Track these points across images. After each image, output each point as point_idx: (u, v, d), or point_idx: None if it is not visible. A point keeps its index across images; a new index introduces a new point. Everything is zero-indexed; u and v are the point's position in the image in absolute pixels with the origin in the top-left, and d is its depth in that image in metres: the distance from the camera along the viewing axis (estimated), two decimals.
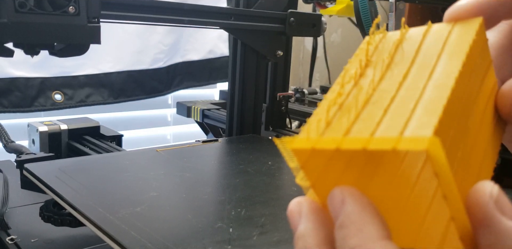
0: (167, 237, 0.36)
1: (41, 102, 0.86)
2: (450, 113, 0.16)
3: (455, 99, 0.17)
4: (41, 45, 0.50)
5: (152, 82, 1.01)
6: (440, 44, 0.20)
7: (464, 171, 0.18)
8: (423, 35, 0.21)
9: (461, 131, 0.18)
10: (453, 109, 0.17)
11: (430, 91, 0.17)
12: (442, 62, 0.19)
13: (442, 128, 0.15)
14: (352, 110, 0.18)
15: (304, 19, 0.70)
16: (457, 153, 0.17)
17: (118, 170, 0.52)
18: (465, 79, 0.18)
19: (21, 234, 0.48)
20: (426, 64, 0.19)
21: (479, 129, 0.20)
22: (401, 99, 0.17)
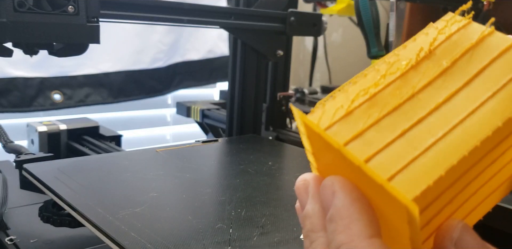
0: (167, 238, 0.36)
1: (40, 102, 0.85)
2: (450, 174, 0.15)
3: (466, 160, 0.16)
4: (40, 45, 0.50)
5: (152, 82, 1.01)
6: (485, 58, 0.17)
7: (454, 205, 0.17)
8: (505, 50, 0.18)
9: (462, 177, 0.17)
10: (458, 169, 0.16)
11: (455, 137, 0.16)
12: (492, 102, 0.16)
13: (431, 189, 0.15)
14: (376, 111, 0.16)
15: (304, 18, 0.70)
16: (444, 196, 0.17)
17: (117, 170, 0.51)
18: (498, 135, 0.16)
19: (20, 234, 0.47)
20: (479, 93, 0.17)
21: (494, 174, 0.19)
22: (426, 126, 0.16)
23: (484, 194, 0.19)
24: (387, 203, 0.16)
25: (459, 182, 0.17)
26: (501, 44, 0.19)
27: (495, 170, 0.19)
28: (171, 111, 1.14)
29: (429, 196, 0.15)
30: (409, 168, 0.15)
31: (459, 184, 0.17)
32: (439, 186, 0.15)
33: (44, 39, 0.48)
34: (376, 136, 0.16)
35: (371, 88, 0.17)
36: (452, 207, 0.18)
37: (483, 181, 0.19)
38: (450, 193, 0.17)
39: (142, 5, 0.56)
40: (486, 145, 0.16)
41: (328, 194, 0.18)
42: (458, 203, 0.18)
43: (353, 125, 0.16)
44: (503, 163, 0.19)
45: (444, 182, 0.16)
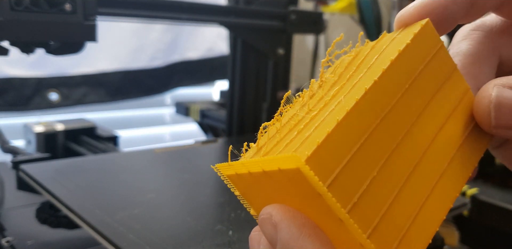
0: (165, 240, 0.35)
1: (37, 101, 0.85)
2: (342, 135, 0.16)
3: (357, 117, 0.16)
4: (37, 44, 0.50)
5: (150, 81, 1.00)
6: (375, 56, 0.19)
7: (391, 191, 0.16)
8: (371, 48, 0.20)
9: (380, 150, 0.16)
10: (351, 128, 0.16)
11: (334, 111, 0.17)
12: (364, 76, 0.18)
13: (324, 152, 0.15)
14: (279, 134, 0.18)
15: (305, 16, 0.69)
16: (368, 173, 0.16)
17: (115, 171, 0.51)
18: (387, 90, 0.17)
19: (17, 235, 0.47)
20: (353, 80, 0.18)
21: (432, 144, 0.18)
22: (313, 120, 0.17)
23: (436, 178, 0.18)
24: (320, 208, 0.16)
25: (390, 162, 0.17)
26: (372, 43, 0.20)
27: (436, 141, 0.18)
28: (169, 111, 1.14)
29: (329, 157, 0.15)
30: (300, 146, 0.16)
31: (390, 165, 0.17)
32: (337, 144, 0.15)
33: (41, 37, 0.48)
34: (276, 148, 0.17)
35: (276, 123, 0.19)
36: (405, 202, 0.17)
37: (430, 160, 0.18)
38: (384, 177, 0.16)
39: (140, 3, 0.55)
40: (385, 89, 0.17)
41: (270, 229, 0.16)
42: (411, 196, 0.17)
43: (261, 151, 0.18)
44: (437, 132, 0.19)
45: (344, 141, 0.16)
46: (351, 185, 0.15)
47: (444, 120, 0.19)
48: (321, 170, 0.15)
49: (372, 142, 0.16)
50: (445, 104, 0.19)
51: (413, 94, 0.18)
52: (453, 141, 0.19)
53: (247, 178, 0.17)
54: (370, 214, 0.16)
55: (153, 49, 0.99)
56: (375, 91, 0.17)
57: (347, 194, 0.15)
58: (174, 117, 1.10)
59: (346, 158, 0.16)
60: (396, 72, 0.17)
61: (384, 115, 0.17)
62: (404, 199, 0.17)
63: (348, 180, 0.15)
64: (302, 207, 0.16)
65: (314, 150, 0.15)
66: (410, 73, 0.18)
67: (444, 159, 0.18)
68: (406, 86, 0.18)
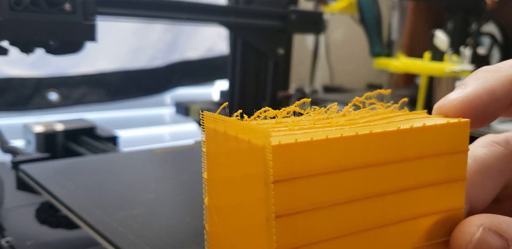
0: (165, 240, 0.35)
1: (37, 101, 0.85)
2: (332, 151, 0.16)
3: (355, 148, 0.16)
4: (36, 43, 0.49)
5: (150, 81, 1.00)
6: (401, 118, 0.19)
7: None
8: (403, 113, 0.20)
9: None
10: (342, 153, 0.16)
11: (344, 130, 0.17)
12: (381, 126, 0.18)
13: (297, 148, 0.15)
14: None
15: (305, 16, 0.69)
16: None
17: (115, 171, 0.51)
18: (389, 148, 0.17)
19: (16, 236, 0.47)
20: (371, 123, 0.19)
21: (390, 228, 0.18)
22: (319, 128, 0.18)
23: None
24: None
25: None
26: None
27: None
28: (169, 111, 1.14)
29: (300, 161, 0.15)
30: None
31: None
32: (320, 157, 0.15)
33: (40, 37, 0.48)
34: None
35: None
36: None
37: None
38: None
39: (140, 2, 0.55)
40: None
41: None
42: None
43: None
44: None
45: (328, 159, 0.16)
46: (299, 199, 0.15)
47: (418, 215, 0.18)
48: (282, 163, 0.15)
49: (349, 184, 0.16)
50: (430, 203, 0.18)
51: (406, 171, 0.17)
52: (412, 240, 0.18)
53: (220, 137, 0.18)
54: (297, 236, 0.16)
55: (153, 49, 0.99)
56: (384, 140, 0.17)
57: (289, 204, 0.15)
58: (174, 117, 1.10)
59: (315, 175, 0.16)
60: (408, 140, 0.17)
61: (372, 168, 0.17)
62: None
63: (300, 195, 0.15)
64: (240, 188, 0.16)
65: (291, 143, 0.15)
66: (419, 150, 0.17)
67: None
68: (405, 158, 0.17)
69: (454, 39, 0.77)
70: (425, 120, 0.18)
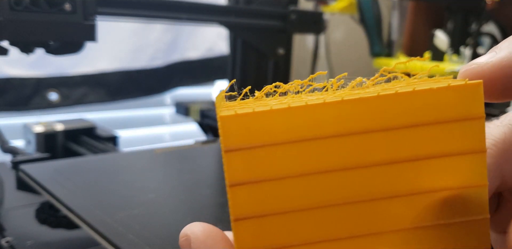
0: (165, 240, 0.35)
1: (37, 101, 0.85)
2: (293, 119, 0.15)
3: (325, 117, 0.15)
4: (36, 43, 0.49)
5: (150, 81, 1.00)
6: (401, 84, 0.17)
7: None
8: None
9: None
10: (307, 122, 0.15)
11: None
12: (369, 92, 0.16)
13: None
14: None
15: (305, 16, 0.69)
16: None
17: (115, 171, 0.51)
18: (374, 115, 0.15)
19: (16, 236, 0.47)
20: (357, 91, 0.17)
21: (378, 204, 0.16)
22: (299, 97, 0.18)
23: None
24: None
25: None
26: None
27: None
28: (169, 111, 1.14)
29: (255, 132, 0.15)
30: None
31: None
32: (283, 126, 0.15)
33: (40, 37, 0.48)
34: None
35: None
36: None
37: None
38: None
39: (140, 2, 0.55)
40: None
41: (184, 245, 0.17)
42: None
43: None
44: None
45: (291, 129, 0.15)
46: (259, 169, 0.15)
47: (419, 191, 0.16)
48: (236, 132, 0.15)
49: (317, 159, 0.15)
50: (436, 178, 0.16)
51: (398, 141, 0.16)
52: (414, 217, 0.16)
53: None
54: (258, 205, 0.15)
55: (153, 49, 0.99)
56: (361, 107, 0.15)
57: (247, 173, 0.15)
58: (174, 117, 1.10)
59: (274, 147, 0.15)
60: (393, 106, 0.15)
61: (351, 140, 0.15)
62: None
63: (260, 165, 0.15)
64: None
65: (245, 113, 0.15)
66: (411, 118, 0.16)
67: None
68: (392, 126, 0.16)
69: (454, 39, 0.77)
70: (432, 84, 0.16)
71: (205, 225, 0.17)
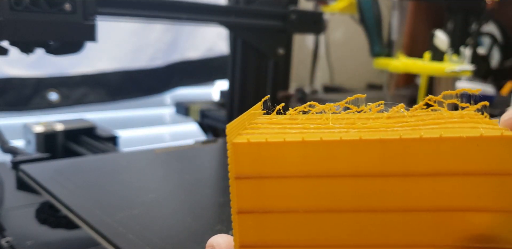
0: (165, 240, 0.35)
1: (37, 101, 0.85)
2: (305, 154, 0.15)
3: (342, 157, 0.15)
4: (36, 43, 0.49)
5: (150, 81, 1.00)
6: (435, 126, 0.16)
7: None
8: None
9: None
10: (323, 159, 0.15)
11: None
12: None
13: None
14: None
15: (305, 16, 0.69)
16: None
17: (115, 171, 0.51)
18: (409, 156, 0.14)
19: (16, 236, 0.47)
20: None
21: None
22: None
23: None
24: None
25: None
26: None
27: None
28: (169, 111, 1.14)
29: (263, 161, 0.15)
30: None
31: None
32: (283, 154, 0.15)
33: (40, 37, 0.48)
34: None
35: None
36: None
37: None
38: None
39: (140, 2, 0.55)
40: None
41: None
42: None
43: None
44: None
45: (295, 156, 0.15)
46: (268, 199, 0.15)
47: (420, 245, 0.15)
48: (248, 160, 0.15)
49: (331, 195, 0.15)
50: (450, 231, 0.15)
51: (421, 190, 0.14)
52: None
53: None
54: (263, 235, 0.15)
55: (153, 49, 0.99)
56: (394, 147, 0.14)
57: (254, 202, 0.15)
58: (174, 117, 1.10)
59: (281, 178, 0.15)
60: (416, 151, 0.14)
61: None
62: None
63: (269, 195, 0.15)
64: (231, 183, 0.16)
65: (258, 142, 0.15)
66: (443, 165, 0.14)
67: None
68: (412, 172, 0.14)
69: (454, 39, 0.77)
70: (464, 128, 0.15)
71: (227, 237, 0.17)
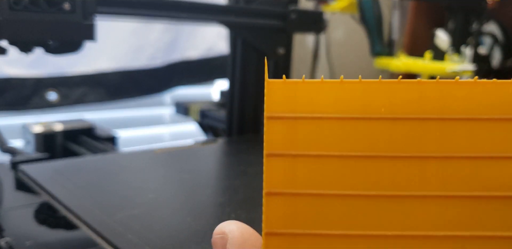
0: (165, 240, 0.35)
1: (36, 101, 0.85)
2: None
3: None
4: (35, 43, 0.49)
5: (150, 81, 1.00)
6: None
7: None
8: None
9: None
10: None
11: None
12: None
13: None
14: None
15: (305, 16, 0.69)
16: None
17: (115, 171, 0.51)
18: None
19: (15, 236, 0.46)
20: None
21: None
22: None
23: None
24: None
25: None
26: None
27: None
28: (169, 110, 1.14)
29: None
30: None
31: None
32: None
33: (40, 37, 0.48)
34: None
35: None
36: None
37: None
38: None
39: (140, 2, 0.55)
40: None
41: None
42: None
43: None
44: None
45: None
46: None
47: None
48: (280, 101, 0.14)
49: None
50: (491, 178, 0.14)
51: (459, 134, 0.14)
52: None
53: None
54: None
55: (152, 48, 0.99)
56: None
57: (282, 141, 0.15)
58: (173, 117, 1.10)
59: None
60: (464, 94, 0.14)
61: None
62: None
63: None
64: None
65: (291, 81, 0.14)
66: (481, 110, 0.14)
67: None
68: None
69: (455, 38, 0.76)
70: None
71: (240, 224, 0.17)
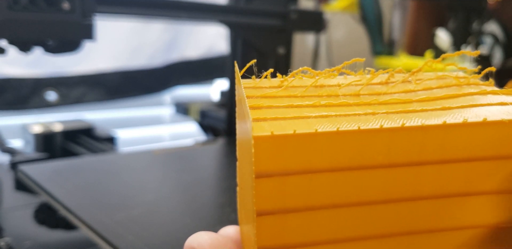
0: (165, 241, 0.35)
1: (36, 101, 0.84)
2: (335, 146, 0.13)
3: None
4: (34, 43, 0.49)
5: (149, 80, 1.00)
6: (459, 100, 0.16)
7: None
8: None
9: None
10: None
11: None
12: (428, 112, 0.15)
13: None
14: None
15: (306, 15, 0.69)
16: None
17: (114, 172, 0.50)
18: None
19: (14, 236, 0.46)
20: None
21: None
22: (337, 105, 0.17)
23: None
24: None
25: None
26: None
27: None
28: (169, 110, 1.14)
29: (290, 153, 0.13)
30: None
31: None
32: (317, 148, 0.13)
33: (39, 36, 0.47)
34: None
35: None
36: None
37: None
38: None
39: (139, 1, 0.55)
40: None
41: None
42: None
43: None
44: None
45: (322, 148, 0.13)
46: (291, 198, 0.14)
47: (465, 226, 0.14)
48: (270, 155, 0.13)
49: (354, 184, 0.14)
50: (482, 214, 0.14)
51: (457, 175, 0.14)
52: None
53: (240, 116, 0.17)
54: (284, 237, 0.14)
55: (152, 48, 0.99)
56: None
57: (277, 202, 0.14)
58: (173, 117, 1.10)
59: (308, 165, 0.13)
60: (470, 136, 0.13)
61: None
62: None
63: (293, 193, 0.13)
64: (247, 177, 0.15)
65: (280, 135, 0.13)
66: (469, 151, 0.14)
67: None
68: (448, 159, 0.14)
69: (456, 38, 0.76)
70: (500, 110, 0.14)
71: (212, 235, 0.16)
